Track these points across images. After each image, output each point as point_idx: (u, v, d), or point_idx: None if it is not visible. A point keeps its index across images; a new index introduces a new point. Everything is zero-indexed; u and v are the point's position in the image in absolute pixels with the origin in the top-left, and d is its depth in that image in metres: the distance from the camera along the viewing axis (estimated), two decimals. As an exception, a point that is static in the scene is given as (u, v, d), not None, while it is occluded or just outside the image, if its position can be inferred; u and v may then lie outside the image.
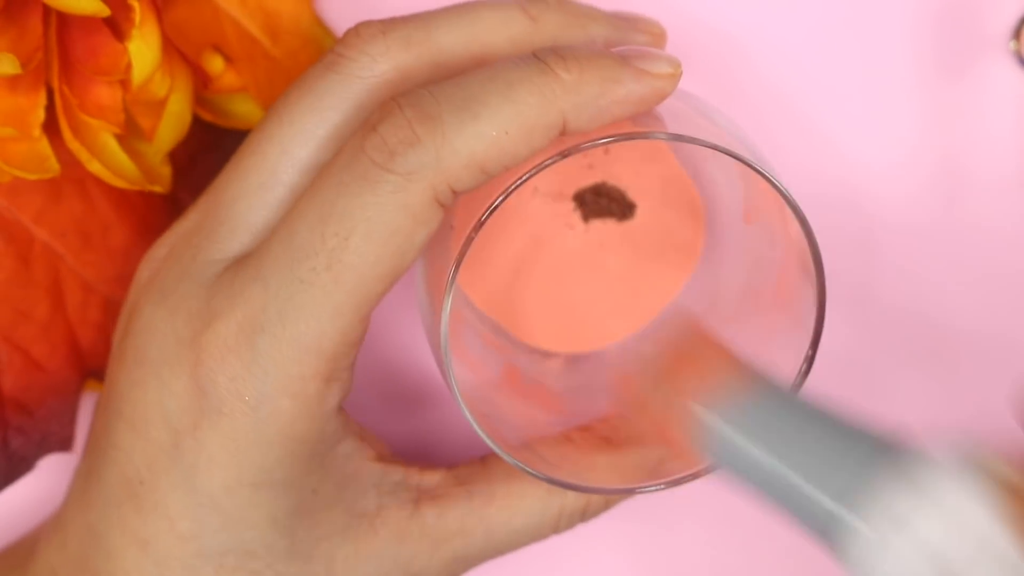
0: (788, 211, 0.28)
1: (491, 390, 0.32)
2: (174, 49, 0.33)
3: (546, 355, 0.34)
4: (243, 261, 0.30)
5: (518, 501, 0.32)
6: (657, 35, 0.33)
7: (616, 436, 0.32)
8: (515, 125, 0.28)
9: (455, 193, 0.28)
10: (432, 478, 0.33)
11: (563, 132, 0.28)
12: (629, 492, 0.30)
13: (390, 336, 0.38)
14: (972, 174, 0.37)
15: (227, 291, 0.30)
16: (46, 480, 0.36)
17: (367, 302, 0.29)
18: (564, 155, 0.28)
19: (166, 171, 0.34)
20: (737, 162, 0.28)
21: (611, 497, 0.33)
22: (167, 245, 0.32)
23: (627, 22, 0.33)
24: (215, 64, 0.34)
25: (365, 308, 0.29)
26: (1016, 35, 0.36)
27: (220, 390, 0.29)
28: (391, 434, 0.37)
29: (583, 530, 0.34)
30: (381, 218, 0.28)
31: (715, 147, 0.28)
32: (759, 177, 0.28)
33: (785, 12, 0.36)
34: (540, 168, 0.28)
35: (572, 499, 0.33)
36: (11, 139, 0.32)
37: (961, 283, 0.37)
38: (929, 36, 0.36)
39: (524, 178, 0.28)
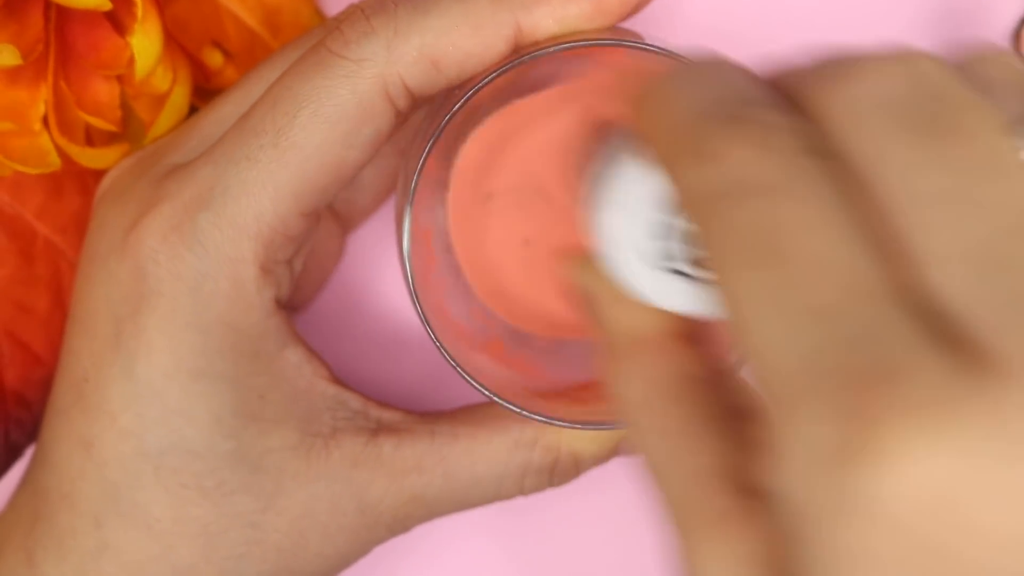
0: None
1: (472, 351, 0.32)
2: (175, 43, 0.33)
3: (533, 336, 0.34)
4: (199, 155, 0.31)
5: (483, 446, 0.32)
6: None
7: (590, 399, 0.31)
8: (464, 20, 0.29)
9: (409, 92, 0.29)
10: (394, 414, 0.32)
11: (521, 41, 0.29)
12: (601, 426, 0.30)
13: (374, 305, 0.38)
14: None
15: (178, 177, 0.30)
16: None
17: (309, 190, 0.29)
18: (525, 59, 0.28)
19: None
20: None
21: (582, 459, 0.32)
22: (137, 156, 0.32)
23: None
24: (215, 59, 0.34)
25: (306, 198, 0.29)
26: (1016, 35, 0.36)
27: (161, 270, 0.30)
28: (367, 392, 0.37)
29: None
30: (330, 100, 0.29)
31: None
32: None
33: (784, 11, 0.36)
34: (502, 71, 0.28)
35: (539, 455, 0.32)
36: (12, 133, 0.32)
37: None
38: (929, 36, 0.36)
39: (485, 80, 0.28)
